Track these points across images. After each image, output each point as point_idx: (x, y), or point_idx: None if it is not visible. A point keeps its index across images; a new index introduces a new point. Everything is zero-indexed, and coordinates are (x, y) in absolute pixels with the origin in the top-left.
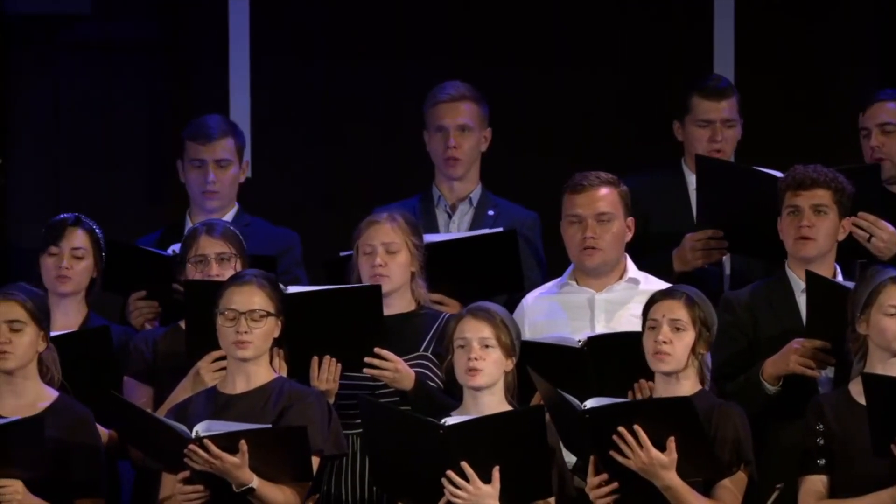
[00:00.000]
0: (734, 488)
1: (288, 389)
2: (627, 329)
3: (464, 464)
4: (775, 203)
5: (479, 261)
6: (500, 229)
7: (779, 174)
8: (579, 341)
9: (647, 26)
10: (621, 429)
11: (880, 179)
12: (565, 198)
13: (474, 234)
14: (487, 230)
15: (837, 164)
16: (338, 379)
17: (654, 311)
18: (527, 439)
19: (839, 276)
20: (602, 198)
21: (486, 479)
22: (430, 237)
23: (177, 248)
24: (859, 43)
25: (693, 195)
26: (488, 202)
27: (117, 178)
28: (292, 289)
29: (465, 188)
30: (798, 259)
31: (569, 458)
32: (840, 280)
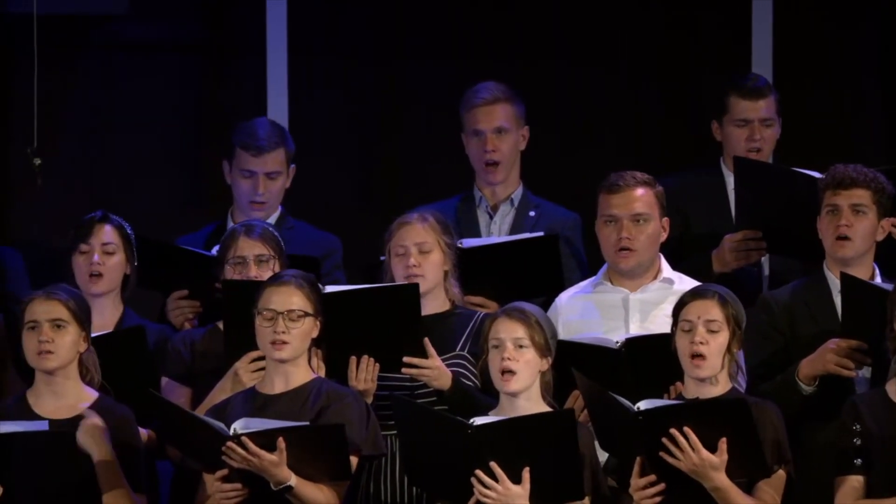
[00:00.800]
0: (774, 488)
1: (326, 389)
2: (662, 329)
3: (493, 464)
4: (814, 203)
5: (519, 264)
6: (542, 234)
7: (818, 174)
8: (617, 342)
9: (686, 25)
10: (673, 430)
11: None
12: (601, 197)
13: (515, 239)
14: (529, 234)
15: (878, 165)
16: (375, 379)
17: (688, 312)
18: (557, 441)
19: (878, 276)
20: (638, 198)
21: (516, 480)
22: (470, 241)
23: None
24: None
25: (732, 196)
26: (529, 203)
27: (154, 179)
28: (330, 288)
29: (505, 189)
30: (836, 259)
31: (602, 458)
32: (878, 281)
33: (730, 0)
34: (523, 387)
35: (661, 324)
